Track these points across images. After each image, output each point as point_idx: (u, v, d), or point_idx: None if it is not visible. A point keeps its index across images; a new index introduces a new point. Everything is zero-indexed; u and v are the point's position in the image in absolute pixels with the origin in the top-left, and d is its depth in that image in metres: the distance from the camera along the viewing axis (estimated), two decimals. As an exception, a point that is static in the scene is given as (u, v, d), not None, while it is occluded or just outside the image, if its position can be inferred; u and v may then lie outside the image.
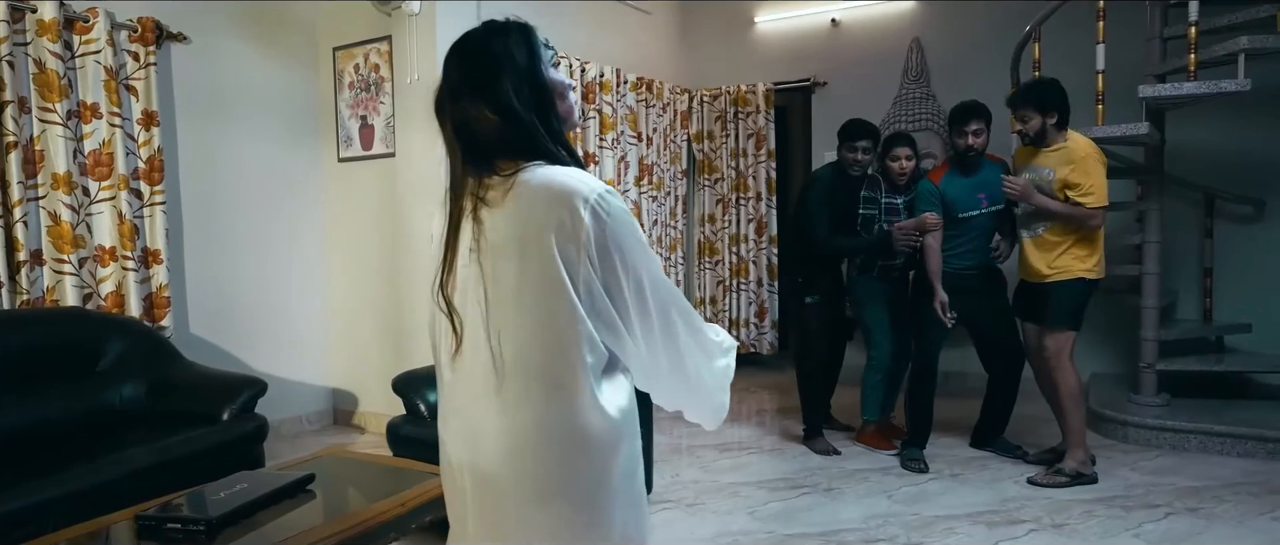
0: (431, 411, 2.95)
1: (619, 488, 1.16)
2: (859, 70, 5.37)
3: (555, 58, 1.25)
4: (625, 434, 1.16)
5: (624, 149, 5.02)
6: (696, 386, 1.25)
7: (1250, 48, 3.34)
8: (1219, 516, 2.88)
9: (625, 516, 1.18)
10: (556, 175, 1.12)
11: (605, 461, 1.14)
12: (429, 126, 3.85)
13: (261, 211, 4.07)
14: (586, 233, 1.08)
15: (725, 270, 5.86)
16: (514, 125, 1.14)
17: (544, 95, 1.17)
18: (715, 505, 3.14)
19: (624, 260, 1.11)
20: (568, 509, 1.14)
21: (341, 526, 1.76)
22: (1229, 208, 4.38)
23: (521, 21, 1.22)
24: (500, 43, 1.18)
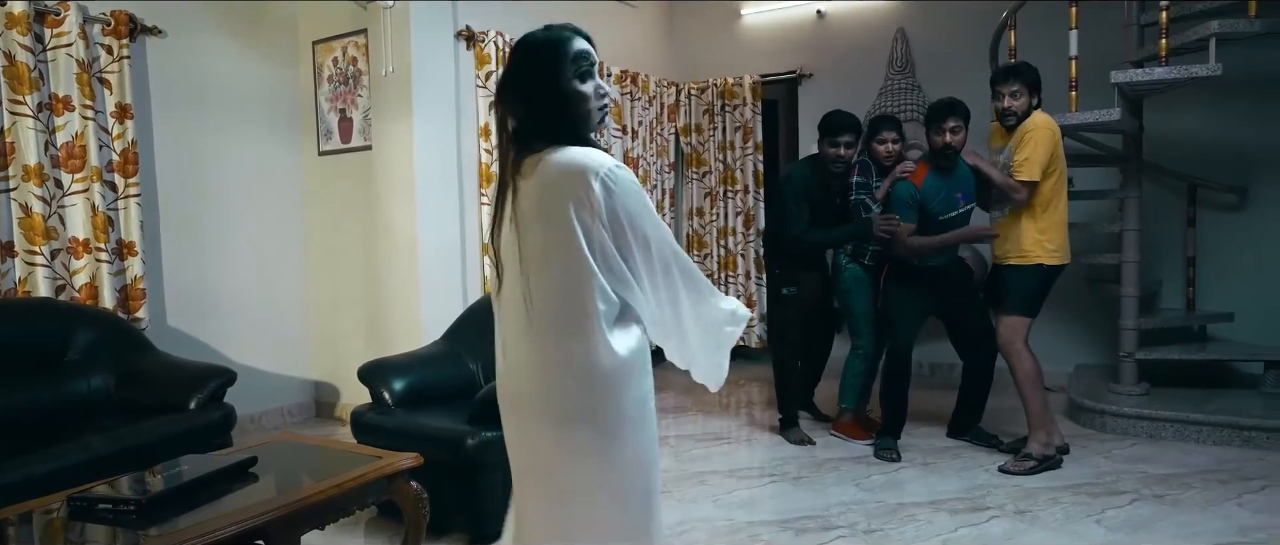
0: (397, 399, 2.97)
1: (631, 415, 1.40)
2: (845, 62, 5.35)
3: (587, 66, 1.43)
4: (635, 371, 1.40)
5: (609, 142, 5.01)
6: (694, 339, 1.47)
7: (1221, 32, 3.30)
8: (1184, 502, 2.85)
9: (637, 441, 1.42)
10: (574, 155, 1.35)
11: (617, 393, 1.38)
12: (405, 119, 3.89)
13: (242, 204, 4.11)
14: (598, 202, 1.32)
15: (713, 263, 5.84)
16: (536, 120, 1.40)
17: (561, 99, 1.40)
18: (681, 493, 3.14)
19: (631, 225, 1.34)
20: (586, 431, 1.39)
21: (272, 506, 1.78)
22: (1212, 196, 4.33)
23: (560, 34, 1.44)
24: (530, 53, 1.43)
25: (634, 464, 1.41)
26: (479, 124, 4.18)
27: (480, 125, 4.17)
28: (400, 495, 2.15)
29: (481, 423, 2.65)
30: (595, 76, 1.43)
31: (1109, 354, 4.47)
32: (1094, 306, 4.45)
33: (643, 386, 1.42)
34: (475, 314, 3.42)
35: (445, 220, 4.04)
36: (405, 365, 3.13)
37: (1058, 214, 3.18)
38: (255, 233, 4.18)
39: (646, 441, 1.44)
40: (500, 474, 2.61)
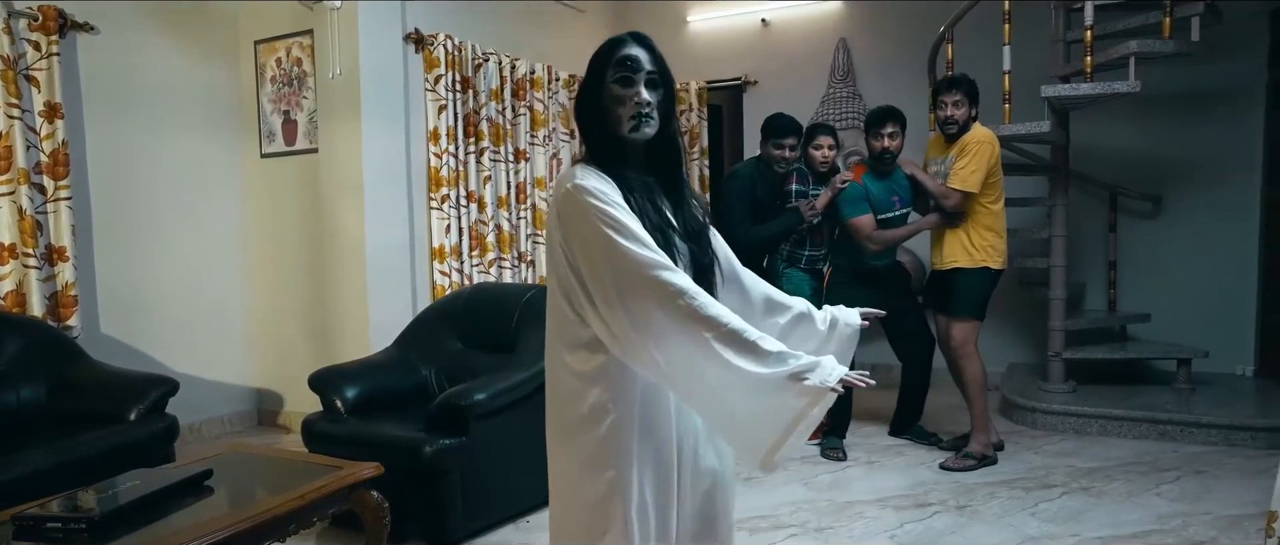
0: (349, 407, 2.93)
1: (581, 424, 1.36)
2: (789, 69, 5.47)
3: (627, 71, 1.37)
4: (590, 385, 1.35)
5: (556, 145, 5.03)
6: (701, 399, 1.32)
7: (1139, 52, 3.52)
8: (1108, 494, 3.03)
9: (590, 450, 1.36)
10: (571, 169, 1.37)
11: (567, 404, 1.38)
12: (353, 122, 3.83)
13: (179, 208, 3.97)
14: (556, 218, 1.35)
15: (660, 267, 5.90)
16: (579, 126, 1.44)
17: (594, 103, 1.39)
18: (636, 496, 3.18)
19: (582, 245, 1.31)
20: (550, 434, 1.44)
21: (234, 519, 1.75)
22: (1130, 204, 4.60)
23: (616, 38, 1.41)
24: (588, 63, 1.42)
25: (586, 471, 1.37)
26: (428, 128, 4.14)
27: (429, 129, 4.13)
28: (362, 505, 2.13)
29: (439, 430, 2.64)
30: (638, 82, 1.37)
31: (1038, 353, 4.70)
32: (1024, 308, 4.67)
33: (595, 398, 1.35)
34: (427, 320, 3.39)
35: (394, 225, 3.99)
36: (357, 372, 3.09)
37: (1000, 220, 3.35)
38: (193, 237, 4.05)
39: (602, 453, 1.35)
40: (458, 480, 2.63)
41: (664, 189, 1.46)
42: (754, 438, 1.29)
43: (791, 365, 1.24)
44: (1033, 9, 4.23)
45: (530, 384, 2.84)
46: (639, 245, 1.28)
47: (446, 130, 4.16)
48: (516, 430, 2.84)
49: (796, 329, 1.59)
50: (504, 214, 4.57)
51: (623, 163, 1.39)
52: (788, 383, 1.23)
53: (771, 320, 1.58)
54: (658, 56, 1.41)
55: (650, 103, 1.37)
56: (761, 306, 1.59)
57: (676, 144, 1.47)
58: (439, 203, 4.15)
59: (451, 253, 4.20)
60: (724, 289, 1.53)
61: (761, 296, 1.60)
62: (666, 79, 1.42)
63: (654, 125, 1.38)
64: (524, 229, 4.74)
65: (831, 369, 1.24)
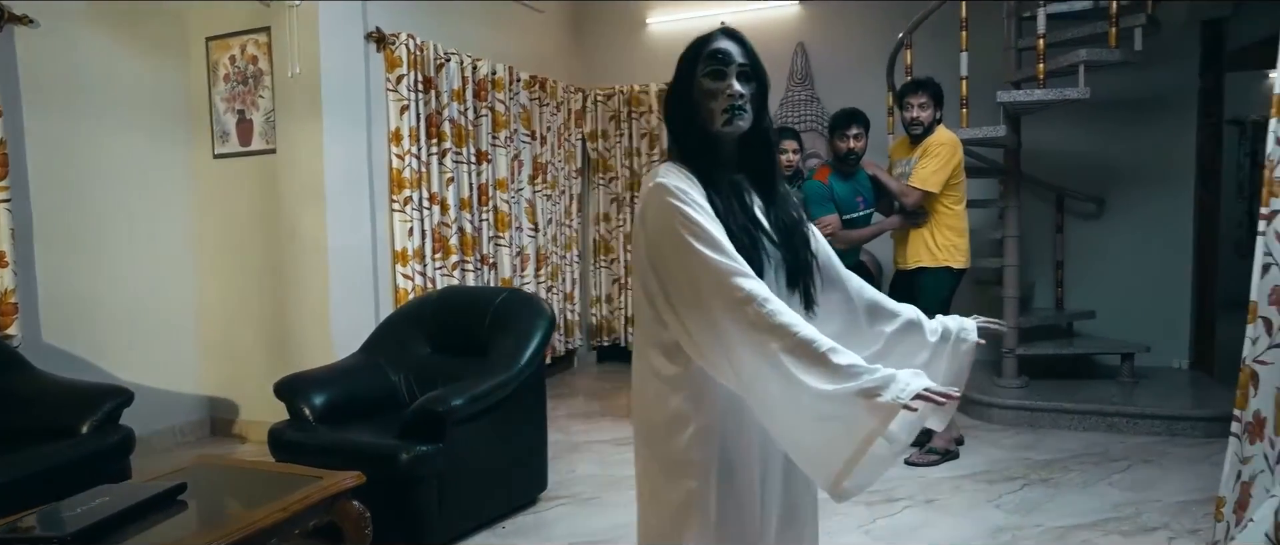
0: (317, 415, 2.85)
1: (662, 427, 1.33)
2: (746, 73, 5.53)
3: (718, 64, 1.33)
4: (668, 395, 1.32)
5: (518, 147, 4.99)
6: (775, 412, 1.22)
7: (1088, 60, 3.67)
8: (1065, 484, 3.15)
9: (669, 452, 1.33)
10: (660, 167, 1.34)
11: (652, 406, 1.35)
12: (313, 122, 3.73)
13: (126, 210, 3.81)
14: (639, 215, 1.32)
15: (620, 268, 5.91)
16: (669, 122, 1.42)
17: (685, 97, 1.36)
18: (610, 498, 3.18)
19: (660, 243, 1.27)
20: (636, 435, 1.42)
21: (214, 535, 1.69)
22: (1076, 205, 4.80)
23: (706, 34, 1.38)
24: (679, 60, 1.39)
25: (667, 477, 1.35)
26: (390, 128, 4.06)
27: (391, 130, 4.05)
28: (343, 516, 2.08)
29: (415, 436, 2.59)
30: (730, 74, 1.32)
31: (992, 350, 4.85)
32: (979, 306, 4.79)
33: (676, 406, 1.32)
34: (396, 324, 3.33)
35: (357, 227, 3.90)
36: (325, 379, 3.01)
37: (962, 221, 3.45)
38: (142, 240, 3.88)
39: (684, 461, 1.32)
40: (434, 487, 2.59)
41: (756, 187, 1.40)
42: (824, 460, 1.18)
43: (863, 381, 1.12)
44: (988, 17, 4.38)
45: (505, 388, 2.82)
46: (714, 250, 1.23)
47: (409, 131, 4.09)
48: (493, 435, 2.82)
49: (904, 340, 1.50)
50: (467, 216, 4.51)
51: (713, 160, 1.34)
52: (858, 399, 1.11)
53: (877, 328, 1.50)
54: (749, 50, 1.36)
55: (743, 94, 1.32)
56: (865, 313, 1.50)
57: (769, 140, 1.42)
58: (401, 205, 4.07)
59: (414, 256, 4.12)
60: (825, 293, 1.46)
61: (866, 303, 1.51)
62: (759, 72, 1.36)
63: (747, 118, 1.33)
64: (486, 231, 4.68)
65: (907, 383, 1.11)
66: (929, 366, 1.46)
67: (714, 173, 1.34)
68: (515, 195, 4.95)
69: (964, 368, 1.51)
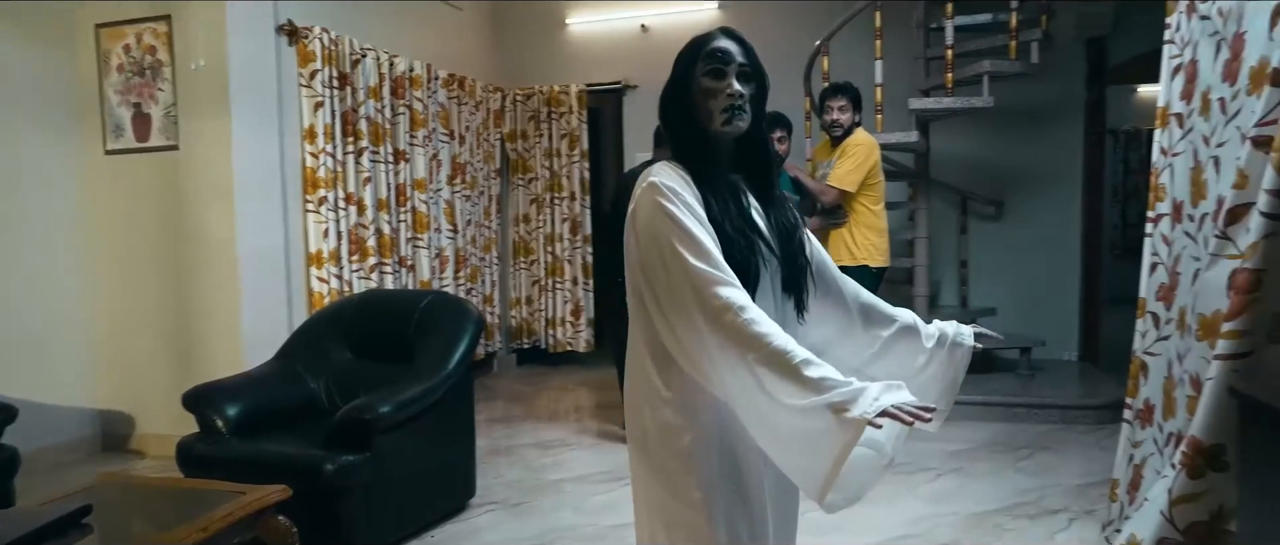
0: (231, 426, 2.70)
1: (655, 433, 1.28)
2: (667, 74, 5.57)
3: (717, 63, 1.30)
4: (660, 401, 1.28)
5: (436, 147, 4.87)
6: (754, 421, 1.19)
7: (991, 71, 3.89)
8: (976, 473, 3.33)
9: (645, 471, 1.31)
10: (654, 165, 1.30)
11: (639, 413, 1.31)
12: (220, 118, 3.54)
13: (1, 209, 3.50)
14: (631, 212, 1.28)
15: (541, 270, 5.86)
16: (664, 122, 1.38)
17: (684, 97, 1.33)
18: (540, 503, 3.15)
19: (649, 243, 1.24)
20: (630, 439, 1.36)
21: (132, 559, 1.58)
22: (978, 208, 5.07)
23: (705, 34, 1.35)
24: (675, 61, 1.37)
25: (667, 492, 1.29)
26: (303, 126, 3.89)
27: (305, 127, 3.89)
28: (269, 532, 1.98)
29: (340, 446, 2.50)
30: (729, 73, 1.30)
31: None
32: (888, 304, 5.02)
33: (669, 415, 1.27)
34: (314, 329, 3.20)
35: (268, 228, 3.72)
36: (238, 388, 2.86)
37: (881, 220, 3.59)
38: (18, 242, 3.58)
39: (683, 474, 1.27)
40: (361, 498, 2.50)
41: (753, 190, 1.37)
42: (808, 472, 1.15)
43: (832, 394, 1.08)
44: (901, 27, 4.57)
45: (434, 394, 2.75)
46: (697, 255, 1.19)
47: (323, 128, 3.93)
48: (421, 442, 2.75)
49: (900, 344, 1.47)
50: (384, 217, 4.37)
51: (710, 160, 1.32)
52: (828, 413, 1.08)
53: (872, 333, 1.47)
54: (749, 50, 1.33)
55: (743, 94, 1.30)
56: (860, 317, 1.48)
57: (767, 142, 1.39)
58: (316, 205, 3.91)
59: (330, 258, 3.96)
60: (819, 297, 1.43)
61: (861, 307, 1.48)
62: (759, 74, 1.34)
63: (747, 118, 1.30)
64: (404, 232, 4.55)
65: (877, 398, 1.07)
66: (925, 371, 1.44)
67: (711, 173, 1.31)
68: (434, 196, 4.83)
69: (959, 373, 1.48)
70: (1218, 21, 2.17)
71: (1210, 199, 2.14)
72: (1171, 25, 2.48)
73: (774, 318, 1.27)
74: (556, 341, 5.81)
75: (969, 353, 1.48)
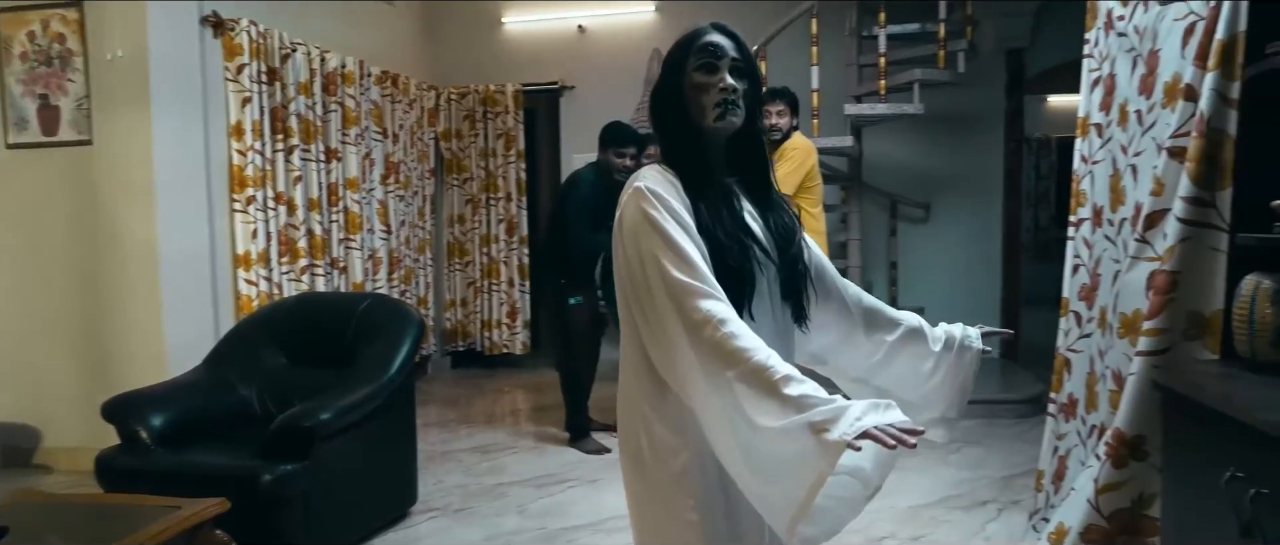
0: (156, 437, 2.57)
1: (641, 461, 1.23)
2: (604, 76, 5.58)
3: (708, 58, 1.25)
4: (652, 417, 1.21)
5: (369, 145, 4.74)
6: (720, 442, 1.11)
7: (922, 78, 4.04)
8: (909, 468, 3.42)
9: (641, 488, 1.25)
10: (639, 172, 1.24)
11: (632, 429, 1.24)
12: (139, 112, 3.35)
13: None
14: (618, 217, 1.22)
15: (476, 271, 5.78)
16: (654, 121, 1.33)
17: (676, 93, 1.27)
18: (483, 508, 3.11)
19: (631, 250, 1.18)
20: (621, 453, 1.29)
21: (61, 581, 1.48)
22: (907, 211, 5.25)
23: (695, 29, 1.29)
24: (665, 58, 1.31)
25: (662, 513, 1.23)
26: (230, 122, 3.73)
27: (232, 123, 3.72)
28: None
29: (277, 455, 2.41)
30: (722, 68, 1.24)
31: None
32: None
33: (660, 433, 1.21)
34: (245, 334, 3.07)
35: (193, 229, 3.55)
36: (164, 396, 2.72)
37: (820, 223, 3.67)
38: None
39: (677, 494, 1.20)
40: (300, 508, 2.42)
41: (748, 192, 1.32)
42: (778, 502, 1.05)
43: (813, 413, 0.99)
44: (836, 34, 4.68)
45: (375, 399, 2.68)
46: (680, 265, 1.13)
47: (252, 125, 3.78)
48: (362, 449, 2.68)
49: (905, 349, 1.41)
50: (316, 217, 4.23)
51: (702, 161, 1.26)
52: (808, 434, 0.99)
53: (877, 337, 1.41)
54: (743, 46, 1.28)
55: (737, 88, 1.24)
56: (863, 322, 1.42)
57: (761, 142, 1.33)
58: (244, 205, 3.75)
59: (259, 260, 3.81)
60: (821, 303, 1.38)
61: (864, 311, 1.43)
62: (753, 70, 1.28)
63: (741, 114, 1.25)
64: (336, 233, 4.41)
65: (859, 418, 0.97)
66: (934, 376, 1.39)
67: (703, 176, 1.25)
68: (367, 195, 4.71)
69: (969, 377, 1.43)
70: (1134, 38, 2.31)
71: (1128, 205, 2.27)
72: (1090, 40, 2.62)
73: (773, 326, 1.25)
74: (492, 344, 5.74)
75: (978, 355, 1.43)
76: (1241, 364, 1.70)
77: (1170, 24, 2.09)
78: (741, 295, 1.19)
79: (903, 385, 1.44)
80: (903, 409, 1.44)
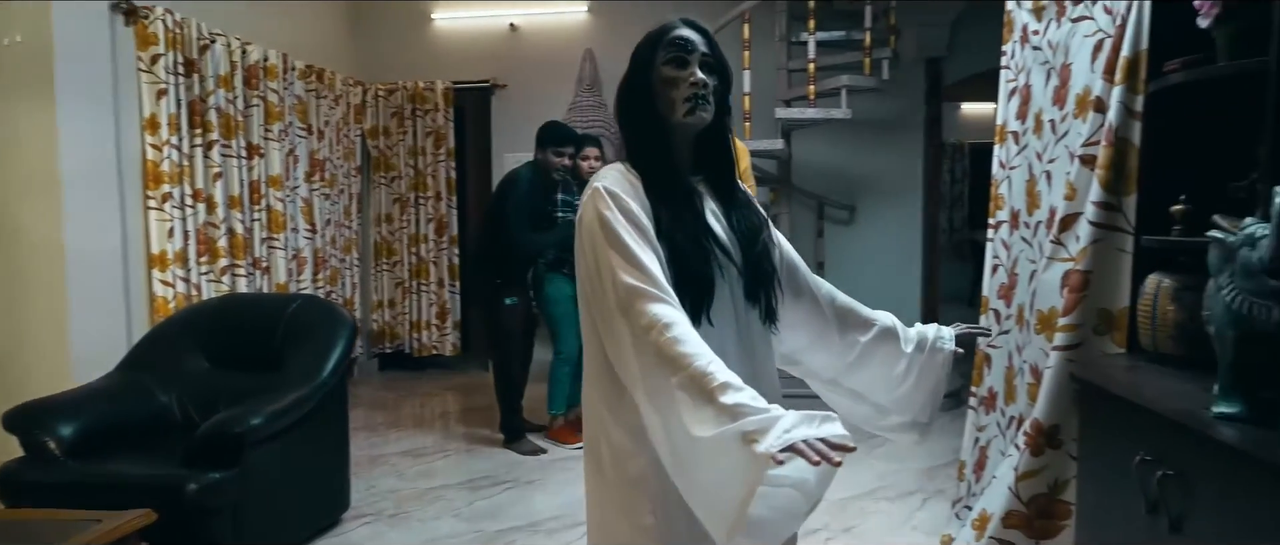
0: (66, 448, 2.43)
1: (600, 463, 1.23)
2: (537, 75, 5.55)
3: (677, 52, 1.25)
4: (610, 422, 1.21)
5: (293, 141, 4.59)
6: (663, 446, 1.09)
7: (850, 84, 4.18)
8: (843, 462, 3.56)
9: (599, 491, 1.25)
10: (601, 172, 1.24)
11: (592, 432, 1.25)
12: (42, 101, 3.16)
13: None
14: (579, 221, 1.22)
15: (404, 271, 5.66)
16: (621, 118, 1.32)
17: (643, 89, 1.25)
18: (418, 512, 3.05)
19: (588, 251, 1.18)
20: (587, 467, 1.29)
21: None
22: (833, 213, 5.42)
23: (664, 23, 1.29)
24: (633, 53, 1.31)
25: (618, 515, 1.21)
26: (144, 114, 3.54)
27: (146, 116, 3.54)
28: (131, 561, 1.80)
29: (204, 463, 2.31)
30: (692, 63, 1.23)
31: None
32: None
33: (618, 437, 1.20)
34: (164, 337, 2.94)
35: (103, 227, 3.36)
36: (74, 404, 2.58)
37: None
38: None
39: (634, 498, 1.19)
40: (230, 517, 2.33)
41: (714, 191, 1.30)
42: (715, 510, 1.03)
43: (745, 423, 0.96)
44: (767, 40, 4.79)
45: (308, 403, 2.61)
46: (630, 267, 1.12)
47: (168, 118, 3.60)
48: (294, 454, 2.60)
49: (878, 350, 1.39)
50: (237, 215, 4.06)
51: (666, 160, 1.25)
52: (739, 444, 0.96)
53: (850, 338, 1.40)
54: (713, 42, 1.27)
55: (707, 83, 1.22)
56: (836, 322, 1.40)
57: (728, 141, 1.31)
58: (159, 202, 3.57)
59: (176, 259, 3.63)
60: (792, 303, 1.37)
61: (837, 310, 1.40)
62: (723, 67, 1.27)
63: (711, 110, 1.23)
64: (259, 232, 4.25)
65: (787, 429, 0.94)
66: (905, 377, 1.38)
67: (667, 174, 1.24)
68: (291, 193, 4.55)
69: (941, 379, 1.40)
70: (1048, 52, 2.45)
71: (1043, 208, 2.41)
72: (1007, 52, 2.76)
73: (736, 329, 1.23)
74: (421, 345, 5.63)
75: (949, 357, 1.40)
76: (1145, 356, 1.83)
77: (1081, 40, 2.23)
78: (700, 299, 1.18)
79: (874, 388, 1.43)
80: (874, 413, 1.47)
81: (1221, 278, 1.32)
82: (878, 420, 1.47)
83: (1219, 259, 1.34)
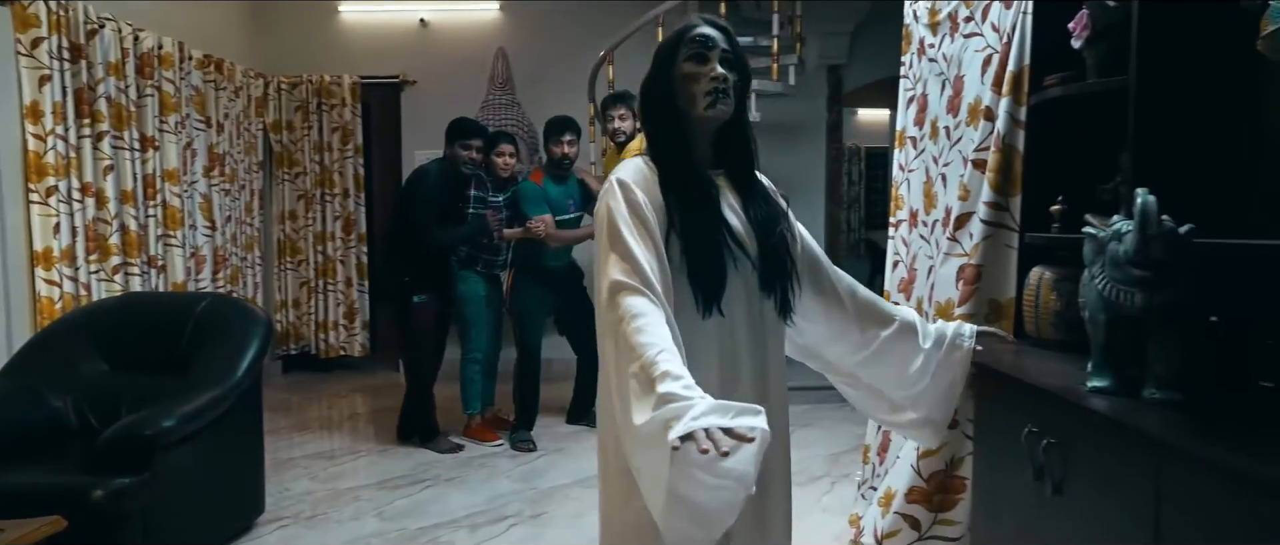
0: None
1: (608, 445, 1.25)
2: (448, 72, 5.48)
3: (698, 48, 1.27)
4: None
5: (191, 134, 4.38)
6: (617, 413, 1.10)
7: (758, 89, 4.34)
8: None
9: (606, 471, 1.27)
10: (623, 164, 1.27)
11: (604, 414, 1.26)
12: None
13: None
14: (596, 211, 1.25)
15: (310, 270, 5.49)
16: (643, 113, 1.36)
17: (665, 84, 1.29)
18: (338, 514, 3.00)
19: (599, 239, 1.22)
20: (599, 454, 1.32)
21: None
22: (742, 212, 5.60)
23: (687, 22, 1.31)
24: (655, 53, 1.35)
25: (624, 495, 1.22)
26: (24, 102, 3.31)
27: (27, 104, 3.31)
28: (38, 571, 1.72)
29: (109, 469, 2.21)
30: (712, 58, 1.25)
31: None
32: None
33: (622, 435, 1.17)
34: (56, 339, 2.78)
35: (-19, 223, 3.13)
36: (-44, 412, 2.40)
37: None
38: None
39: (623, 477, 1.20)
40: (139, 524, 2.25)
41: (733, 184, 1.33)
42: (649, 490, 1.06)
43: (666, 409, 0.98)
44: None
45: (221, 405, 2.53)
46: (620, 261, 1.14)
47: (51, 107, 3.38)
48: (206, 458, 2.51)
49: (896, 346, 1.41)
50: (130, 211, 3.84)
51: (686, 154, 1.27)
52: (662, 432, 0.97)
53: (870, 333, 1.41)
54: (733, 39, 1.30)
55: (727, 78, 1.25)
56: (856, 317, 1.41)
57: (747, 135, 1.34)
58: (43, 196, 3.35)
59: (62, 257, 3.41)
60: (812, 297, 1.37)
61: (858, 306, 1.41)
62: (743, 64, 1.31)
63: (731, 104, 1.26)
64: (154, 229, 4.03)
65: (694, 418, 0.95)
66: (923, 373, 1.41)
67: (685, 169, 1.26)
68: (189, 188, 4.34)
69: (958, 377, 1.42)
70: (942, 64, 2.65)
71: (939, 208, 2.61)
72: (906, 63, 2.97)
73: (748, 321, 1.26)
74: (328, 346, 5.48)
75: (968, 355, 1.43)
76: (1030, 341, 2.02)
77: (972, 54, 2.43)
78: (712, 291, 1.21)
79: (890, 383, 1.48)
80: (890, 409, 1.54)
81: (1094, 268, 1.50)
82: (894, 417, 1.53)
83: (1092, 252, 1.51)
